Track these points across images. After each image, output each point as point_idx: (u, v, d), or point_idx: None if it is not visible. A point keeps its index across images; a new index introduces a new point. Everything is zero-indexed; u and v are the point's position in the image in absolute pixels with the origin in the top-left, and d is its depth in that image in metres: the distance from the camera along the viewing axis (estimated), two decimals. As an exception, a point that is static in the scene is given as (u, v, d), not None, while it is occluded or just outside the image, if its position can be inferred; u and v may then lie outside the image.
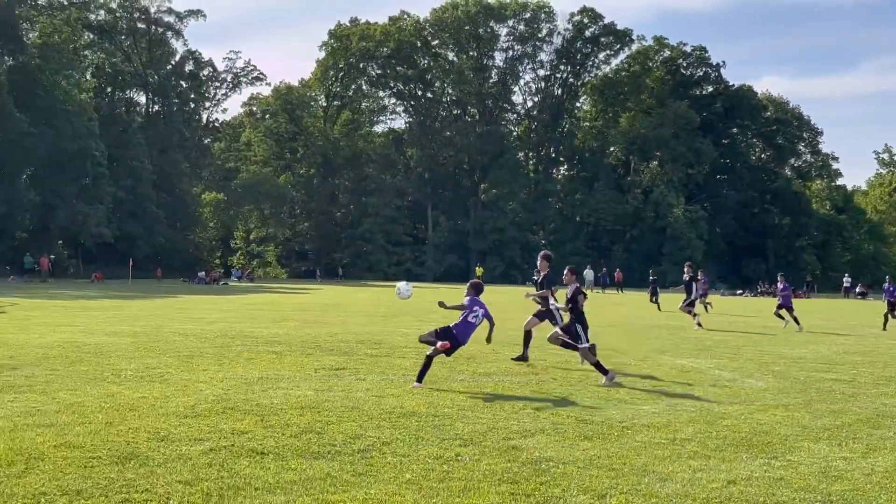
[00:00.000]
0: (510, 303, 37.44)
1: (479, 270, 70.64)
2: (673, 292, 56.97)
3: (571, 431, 9.55)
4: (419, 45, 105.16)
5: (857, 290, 76.02)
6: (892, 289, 31.17)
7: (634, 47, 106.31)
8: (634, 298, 54.71)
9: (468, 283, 13.96)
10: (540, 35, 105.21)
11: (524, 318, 17.57)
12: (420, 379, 12.72)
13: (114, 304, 34.12)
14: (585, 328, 14.45)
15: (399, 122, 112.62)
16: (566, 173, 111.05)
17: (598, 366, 13.79)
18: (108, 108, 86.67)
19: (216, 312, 29.57)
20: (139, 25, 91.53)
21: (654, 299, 41.97)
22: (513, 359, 16.39)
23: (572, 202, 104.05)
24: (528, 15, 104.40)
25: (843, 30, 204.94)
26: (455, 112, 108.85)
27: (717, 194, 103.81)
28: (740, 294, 76.77)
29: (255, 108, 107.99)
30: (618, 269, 75.02)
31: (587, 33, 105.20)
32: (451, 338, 13.06)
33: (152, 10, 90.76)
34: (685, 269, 30.44)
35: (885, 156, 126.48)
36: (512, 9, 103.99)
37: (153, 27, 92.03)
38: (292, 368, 14.45)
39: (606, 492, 7.11)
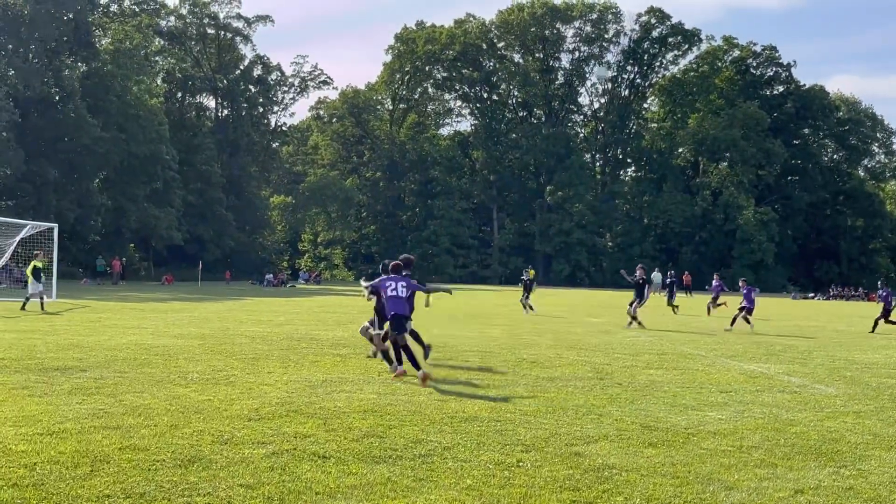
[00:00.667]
0: (577, 305, 37.13)
1: (530, 272, 70.58)
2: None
3: (636, 438, 9.42)
4: (485, 47, 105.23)
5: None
6: None
7: (703, 47, 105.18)
8: (703, 302, 54.00)
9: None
10: (606, 36, 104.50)
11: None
12: (400, 362, 13.67)
13: (183, 306, 34.64)
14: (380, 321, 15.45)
15: (464, 125, 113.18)
16: (633, 175, 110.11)
17: (385, 354, 14.43)
18: (179, 113, 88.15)
19: (283, 315, 29.84)
20: (208, 31, 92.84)
21: (670, 301, 39.03)
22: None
23: (640, 204, 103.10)
24: (594, 16, 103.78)
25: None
26: (521, 114, 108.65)
27: (788, 196, 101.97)
28: (812, 297, 75.37)
29: (322, 112, 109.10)
30: (686, 272, 74.06)
31: (654, 34, 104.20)
32: (390, 318, 14.02)
33: (221, 15, 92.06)
34: (637, 270, 29.85)
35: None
36: (578, 10, 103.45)
37: (222, 33, 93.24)
38: (356, 371, 14.49)
39: (670, 501, 6.98)
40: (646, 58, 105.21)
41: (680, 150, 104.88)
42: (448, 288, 17.14)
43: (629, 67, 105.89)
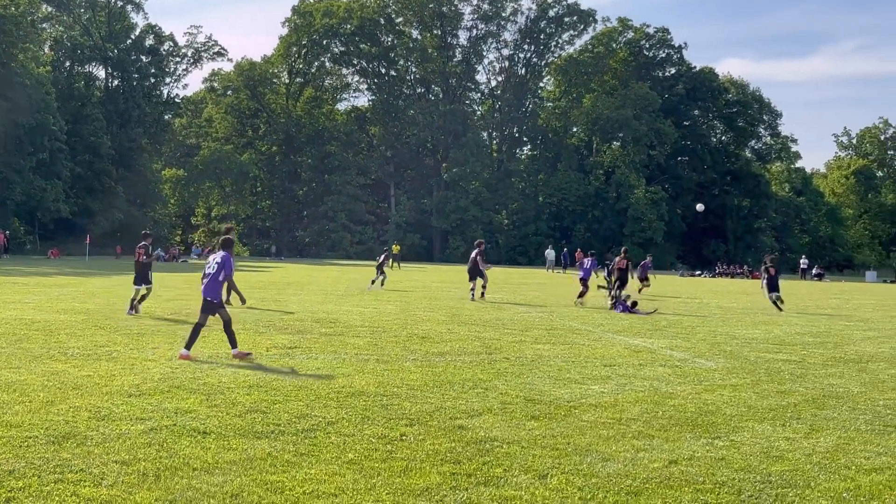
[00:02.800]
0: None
1: (395, 248, 71.21)
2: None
3: (519, 411, 9.55)
4: (383, 22, 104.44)
5: (814, 271, 76.90)
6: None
7: (598, 28, 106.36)
8: (593, 279, 54.92)
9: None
10: (504, 14, 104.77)
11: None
12: (189, 346, 12.96)
13: (69, 280, 33.71)
14: None
15: (362, 100, 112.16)
16: (529, 153, 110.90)
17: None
18: (67, 83, 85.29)
19: (173, 290, 29.31)
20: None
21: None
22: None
23: (535, 182, 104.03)
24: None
25: (805, 14, 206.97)
26: (419, 90, 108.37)
27: (677, 175, 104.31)
28: (699, 274, 77.39)
29: (216, 85, 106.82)
30: (578, 250, 75.28)
31: (551, 13, 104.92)
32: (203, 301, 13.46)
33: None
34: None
35: (844, 139, 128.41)
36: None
37: (113, 0, 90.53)
38: (244, 347, 14.30)
39: (548, 472, 7.10)
40: (542, 37, 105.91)
41: (574, 129, 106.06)
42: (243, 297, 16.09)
43: (526, 46, 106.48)
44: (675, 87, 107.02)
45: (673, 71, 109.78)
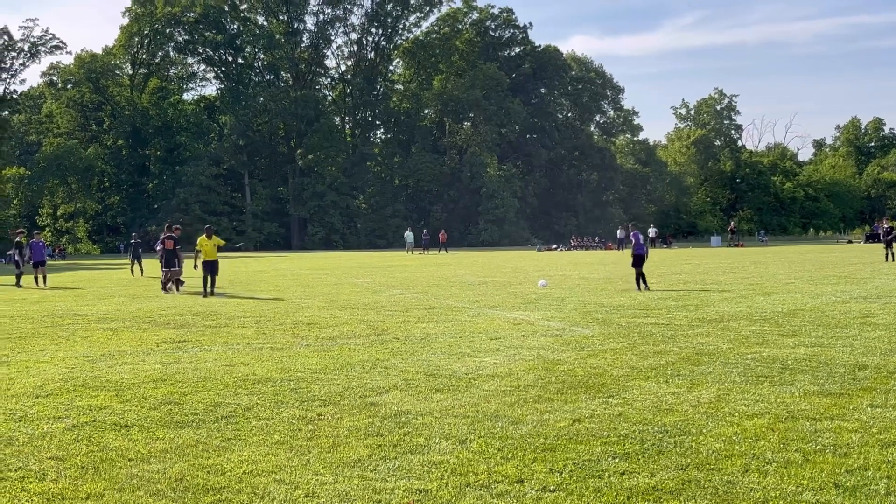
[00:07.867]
0: (337, 267, 37.65)
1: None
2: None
3: (423, 386, 10.04)
4: (227, 9, 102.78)
5: (656, 238, 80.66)
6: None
7: (444, 10, 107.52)
8: (458, 258, 55.97)
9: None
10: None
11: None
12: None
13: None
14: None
15: (210, 89, 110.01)
16: (383, 136, 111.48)
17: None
18: None
19: (35, 292, 28.55)
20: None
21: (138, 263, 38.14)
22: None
23: (391, 165, 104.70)
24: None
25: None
26: (268, 77, 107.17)
27: (528, 153, 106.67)
28: (555, 248, 79.51)
29: (56, 78, 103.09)
30: (443, 231, 76.37)
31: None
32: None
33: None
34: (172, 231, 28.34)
35: (683, 110, 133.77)
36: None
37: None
38: (133, 344, 14.35)
39: (466, 437, 7.61)
40: (389, 20, 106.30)
41: (426, 111, 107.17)
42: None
43: (374, 30, 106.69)
44: (521, 67, 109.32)
45: (518, 50, 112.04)
